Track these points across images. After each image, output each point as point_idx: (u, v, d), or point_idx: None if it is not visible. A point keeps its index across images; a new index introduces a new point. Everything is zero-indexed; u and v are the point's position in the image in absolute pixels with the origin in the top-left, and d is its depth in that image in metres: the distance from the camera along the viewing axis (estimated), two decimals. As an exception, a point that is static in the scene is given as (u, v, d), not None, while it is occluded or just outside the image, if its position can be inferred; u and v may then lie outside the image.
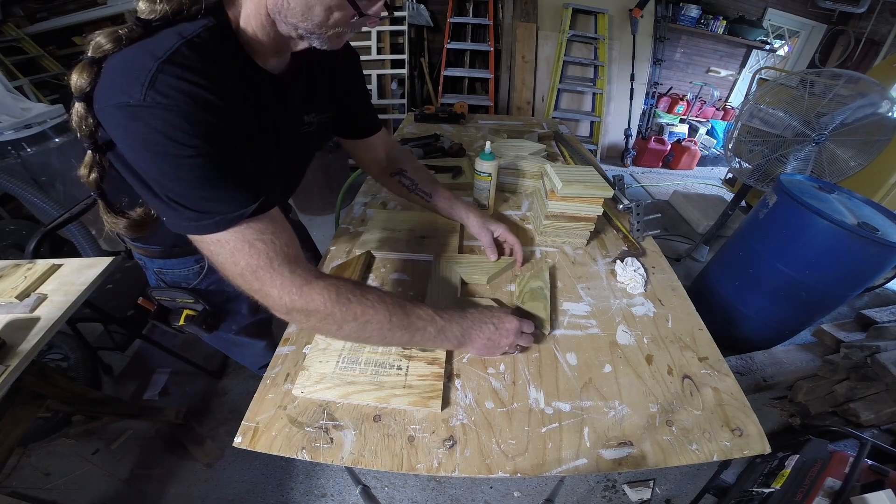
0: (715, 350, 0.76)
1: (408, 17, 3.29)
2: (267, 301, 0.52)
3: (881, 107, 1.78)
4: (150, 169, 0.45)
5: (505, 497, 1.38)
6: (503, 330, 0.66)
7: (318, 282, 0.52)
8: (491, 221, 0.92)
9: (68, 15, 2.79)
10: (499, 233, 0.91)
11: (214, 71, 0.46)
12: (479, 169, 1.04)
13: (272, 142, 0.63)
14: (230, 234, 0.48)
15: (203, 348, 1.82)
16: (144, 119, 0.41)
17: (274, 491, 1.36)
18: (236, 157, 0.48)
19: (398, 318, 0.56)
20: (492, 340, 0.65)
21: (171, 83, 0.42)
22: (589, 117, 3.85)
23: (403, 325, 0.57)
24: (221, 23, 0.50)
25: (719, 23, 3.80)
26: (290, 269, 0.51)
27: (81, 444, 1.45)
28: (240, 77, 0.52)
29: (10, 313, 0.88)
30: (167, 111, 0.41)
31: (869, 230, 1.40)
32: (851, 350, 1.71)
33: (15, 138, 2.01)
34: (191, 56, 0.44)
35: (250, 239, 0.49)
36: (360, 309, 0.54)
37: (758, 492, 1.13)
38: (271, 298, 0.52)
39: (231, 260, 0.50)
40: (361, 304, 0.54)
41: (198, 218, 0.47)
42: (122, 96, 0.41)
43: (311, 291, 0.52)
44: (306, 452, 0.56)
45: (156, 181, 0.46)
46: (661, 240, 2.44)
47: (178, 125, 0.42)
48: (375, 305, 0.55)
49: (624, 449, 0.59)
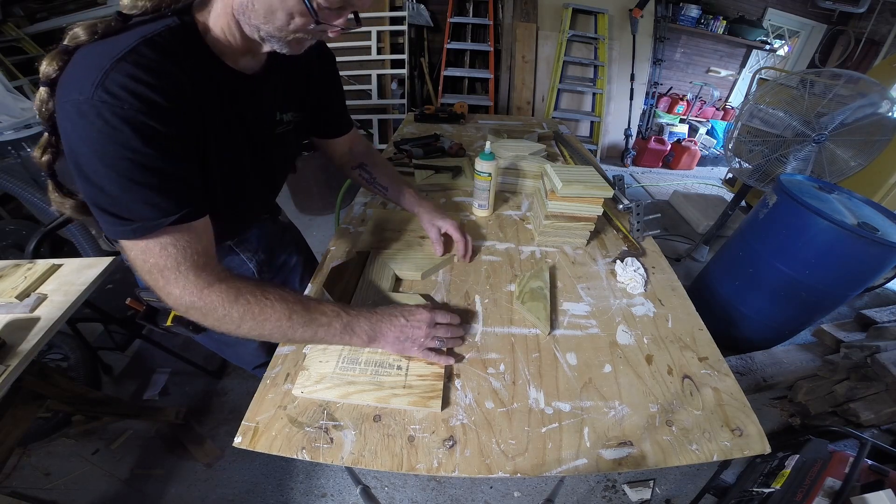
0: (715, 350, 0.76)
1: (408, 17, 3.29)
2: (168, 299, 0.53)
3: (881, 107, 1.78)
4: (86, 164, 0.45)
5: (505, 497, 1.38)
6: (414, 322, 0.65)
7: (219, 284, 0.54)
8: (438, 216, 0.92)
9: (68, 15, 2.79)
10: (445, 228, 0.91)
11: (173, 69, 0.47)
12: (479, 169, 1.04)
13: (244, 140, 0.64)
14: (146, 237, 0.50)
15: (203, 348, 1.81)
16: (89, 117, 0.43)
17: (274, 491, 1.36)
18: (171, 163, 0.49)
19: (299, 316, 0.58)
20: (404, 334, 0.64)
21: (120, 82, 0.43)
22: (589, 117, 3.85)
23: (304, 321, 0.58)
24: (186, 23, 0.51)
25: (719, 23, 3.80)
26: (196, 274, 0.52)
27: (81, 444, 1.45)
28: (203, 76, 0.53)
29: (10, 313, 0.88)
30: (111, 111, 0.43)
31: (869, 230, 1.40)
32: (851, 350, 1.71)
33: (15, 138, 2.01)
34: (147, 55, 0.45)
35: (164, 242, 0.50)
36: (259, 308, 0.55)
37: (758, 492, 1.13)
38: (172, 297, 0.53)
39: (141, 257, 0.51)
40: (260, 305, 0.55)
41: (119, 224, 0.48)
42: (75, 93, 0.43)
43: (210, 293, 0.53)
44: (306, 452, 0.56)
45: (86, 178, 0.46)
46: (661, 240, 2.44)
47: (118, 127, 0.43)
48: (275, 305, 0.56)
49: (624, 449, 0.59)
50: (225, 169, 0.63)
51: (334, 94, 0.85)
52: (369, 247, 0.95)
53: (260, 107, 0.66)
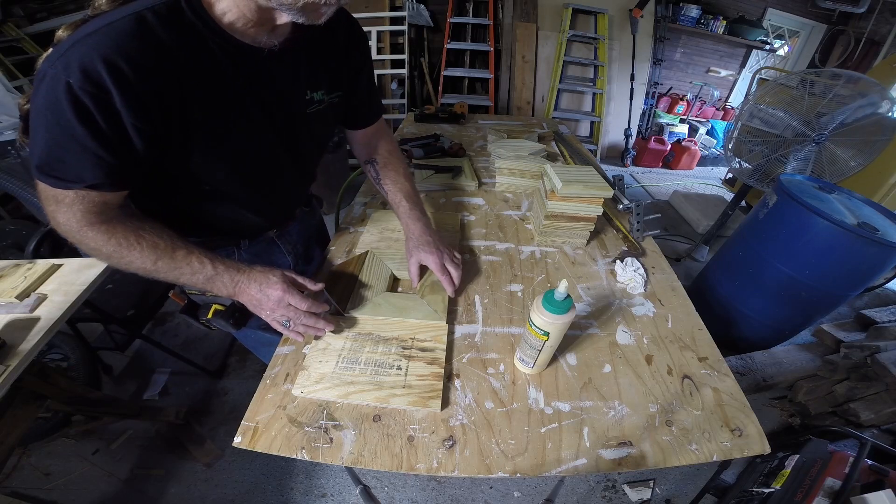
0: (715, 350, 0.76)
1: (408, 17, 3.29)
2: (51, 222, 0.57)
3: (881, 107, 1.78)
4: (32, 118, 0.50)
5: (505, 497, 1.38)
6: (264, 294, 0.64)
7: (99, 226, 0.57)
8: (423, 249, 0.81)
9: (68, 15, 2.79)
10: (426, 263, 0.81)
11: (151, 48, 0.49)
12: (536, 323, 0.61)
13: (263, 118, 0.65)
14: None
15: (203, 348, 1.82)
16: (44, 83, 0.46)
17: (274, 491, 1.36)
18: (99, 142, 0.50)
19: (164, 263, 0.60)
20: (256, 300, 0.65)
21: (79, 57, 0.45)
22: (589, 117, 3.85)
23: (169, 268, 0.61)
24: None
25: (719, 23, 3.80)
26: (83, 213, 0.55)
27: (81, 444, 1.45)
28: (201, 53, 0.54)
29: (10, 313, 0.88)
30: (58, 83, 0.45)
31: (869, 230, 1.39)
32: (851, 350, 1.71)
33: (15, 138, 2.01)
34: (125, 31, 0.47)
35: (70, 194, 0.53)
36: (127, 251, 0.59)
37: (758, 492, 1.13)
38: (55, 222, 0.57)
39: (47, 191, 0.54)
40: (129, 248, 0.58)
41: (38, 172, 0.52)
42: (48, 60, 0.47)
43: (87, 231, 0.56)
44: (306, 452, 0.56)
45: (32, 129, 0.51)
46: (661, 240, 2.44)
47: (59, 98, 0.46)
48: (144, 251, 0.59)
49: (624, 449, 0.59)
50: (234, 148, 0.63)
51: (363, 79, 0.80)
52: (369, 247, 0.95)
53: (281, 83, 0.65)
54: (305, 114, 0.70)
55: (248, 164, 0.68)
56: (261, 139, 0.66)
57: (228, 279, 0.64)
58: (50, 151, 0.50)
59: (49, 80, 0.46)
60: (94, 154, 0.50)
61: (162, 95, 0.51)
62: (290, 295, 0.65)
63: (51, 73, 0.46)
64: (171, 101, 0.52)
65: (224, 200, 0.71)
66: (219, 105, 0.58)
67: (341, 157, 2.76)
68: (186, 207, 0.70)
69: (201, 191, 0.67)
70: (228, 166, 0.65)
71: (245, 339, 1.03)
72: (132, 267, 0.60)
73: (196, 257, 0.62)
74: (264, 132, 0.66)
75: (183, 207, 0.70)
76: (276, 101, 0.65)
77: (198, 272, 0.62)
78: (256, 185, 0.73)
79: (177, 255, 0.61)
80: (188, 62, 0.52)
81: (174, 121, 0.54)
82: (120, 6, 0.50)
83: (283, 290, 0.64)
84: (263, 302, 0.65)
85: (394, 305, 0.78)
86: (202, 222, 0.74)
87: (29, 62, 2.63)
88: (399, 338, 0.72)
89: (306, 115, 0.71)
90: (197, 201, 0.70)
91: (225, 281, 0.64)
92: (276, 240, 0.89)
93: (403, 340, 0.71)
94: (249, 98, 0.61)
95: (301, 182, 0.87)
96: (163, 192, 0.66)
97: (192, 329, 1.92)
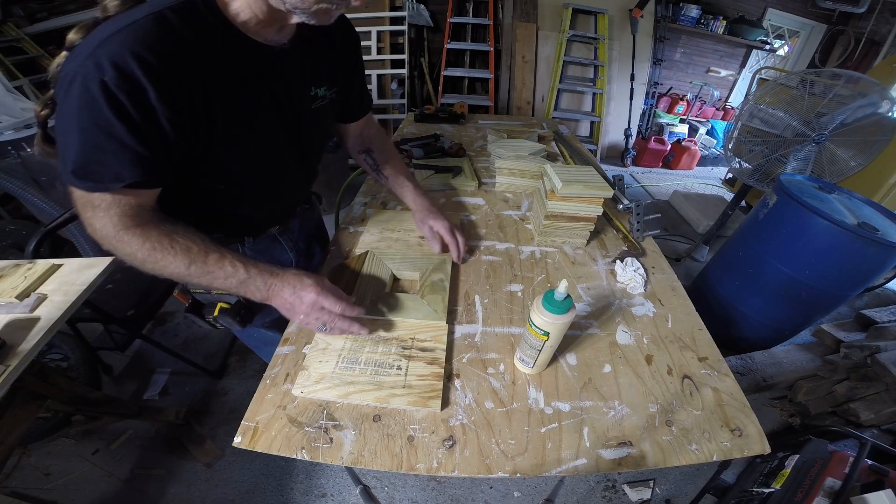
0: (715, 350, 0.76)
1: (408, 17, 3.29)
2: (87, 228, 0.57)
3: (881, 107, 1.78)
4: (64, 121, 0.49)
5: (505, 497, 1.38)
6: (297, 297, 0.64)
7: (135, 229, 0.57)
8: (431, 216, 0.92)
9: (68, 15, 2.78)
10: (437, 228, 0.91)
11: (175, 46, 0.49)
12: (536, 323, 0.61)
13: (275, 116, 0.66)
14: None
15: (203, 348, 1.82)
16: (75, 84, 0.46)
17: (274, 491, 1.36)
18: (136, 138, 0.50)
19: (196, 267, 0.60)
20: (290, 303, 0.65)
21: (109, 55, 0.45)
22: (589, 117, 3.85)
23: (202, 272, 0.61)
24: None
25: (719, 23, 3.80)
26: (120, 217, 0.56)
27: (81, 444, 1.45)
28: (219, 52, 0.54)
29: (10, 313, 0.88)
30: (92, 81, 0.45)
31: (869, 230, 1.39)
32: (851, 350, 1.71)
33: (15, 138, 2.01)
34: (149, 30, 0.47)
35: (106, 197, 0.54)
36: (161, 255, 0.59)
37: (758, 492, 1.13)
38: (91, 228, 0.57)
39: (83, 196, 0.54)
40: (163, 252, 0.58)
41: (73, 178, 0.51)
42: (73, 62, 0.47)
43: (123, 235, 0.57)
44: (306, 452, 0.56)
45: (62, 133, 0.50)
46: (661, 240, 2.44)
47: (95, 97, 0.46)
48: (177, 255, 0.59)
49: (624, 449, 0.59)
50: (250, 143, 0.64)
51: (357, 76, 0.84)
52: (368, 247, 0.95)
53: (289, 80, 0.66)
54: (311, 109, 0.72)
55: (261, 158, 0.69)
56: (273, 134, 0.68)
57: (262, 283, 0.64)
58: (86, 153, 0.50)
59: (81, 80, 0.46)
60: (133, 150, 0.50)
61: (190, 91, 0.52)
62: (324, 297, 0.65)
63: (82, 74, 0.45)
64: (197, 96, 0.53)
65: (233, 197, 0.72)
66: (237, 101, 0.59)
67: (341, 157, 2.76)
68: (196, 206, 0.71)
69: (214, 188, 0.67)
70: (244, 161, 0.66)
71: (248, 338, 1.04)
72: (166, 272, 0.60)
73: (228, 261, 0.62)
74: (275, 127, 0.68)
75: (193, 206, 0.70)
76: (285, 97, 0.66)
77: (230, 276, 0.62)
78: (265, 180, 0.74)
79: (209, 259, 0.61)
80: (209, 59, 0.54)
81: (201, 116, 0.55)
82: (131, 7, 0.51)
83: (316, 292, 0.64)
84: (297, 305, 0.64)
85: (394, 305, 0.78)
86: (211, 220, 0.75)
87: (29, 62, 2.63)
88: (399, 338, 0.72)
89: (311, 111, 0.73)
90: (208, 199, 0.70)
91: (258, 285, 0.64)
92: (279, 236, 0.90)
93: (403, 340, 0.71)
94: (264, 94, 0.63)
95: (305, 178, 0.88)
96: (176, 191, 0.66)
97: (192, 329, 1.92)
